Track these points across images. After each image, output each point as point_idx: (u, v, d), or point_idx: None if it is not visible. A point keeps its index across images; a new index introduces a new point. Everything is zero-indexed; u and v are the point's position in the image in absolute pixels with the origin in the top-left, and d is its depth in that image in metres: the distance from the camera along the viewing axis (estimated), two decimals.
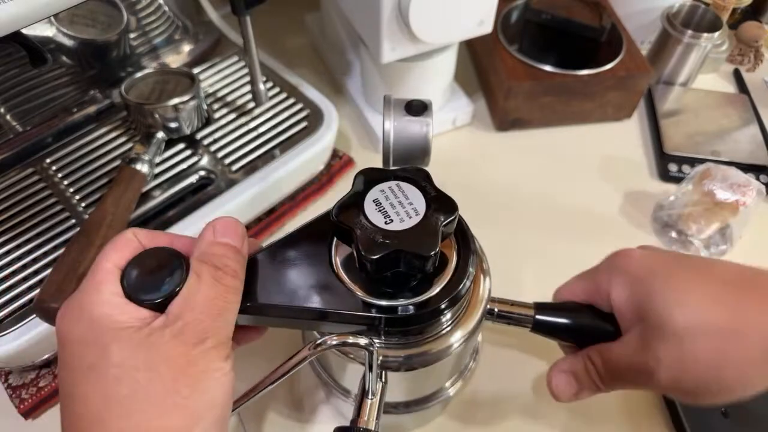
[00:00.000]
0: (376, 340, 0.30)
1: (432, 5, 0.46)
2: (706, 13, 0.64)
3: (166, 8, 0.57)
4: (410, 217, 0.27)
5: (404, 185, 0.29)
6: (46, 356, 0.43)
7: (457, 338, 0.31)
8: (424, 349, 0.31)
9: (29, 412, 0.43)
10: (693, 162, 0.57)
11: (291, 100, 0.57)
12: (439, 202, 0.28)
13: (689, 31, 0.62)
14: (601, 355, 0.32)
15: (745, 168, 0.55)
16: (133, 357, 0.23)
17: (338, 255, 0.30)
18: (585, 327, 0.34)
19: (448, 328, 0.31)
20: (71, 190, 0.49)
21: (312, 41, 0.73)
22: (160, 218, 0.48)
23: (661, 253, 0.32)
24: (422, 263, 0.27)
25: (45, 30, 0.49)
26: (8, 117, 0.51)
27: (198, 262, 0.26)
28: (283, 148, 0.53)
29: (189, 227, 0.47)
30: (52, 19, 0.49)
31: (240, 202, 0.49)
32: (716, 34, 0.62)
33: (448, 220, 0.27)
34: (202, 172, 0.52)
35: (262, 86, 0.52)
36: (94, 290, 0.25)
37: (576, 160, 0.61)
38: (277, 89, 0.58)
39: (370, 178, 0.29)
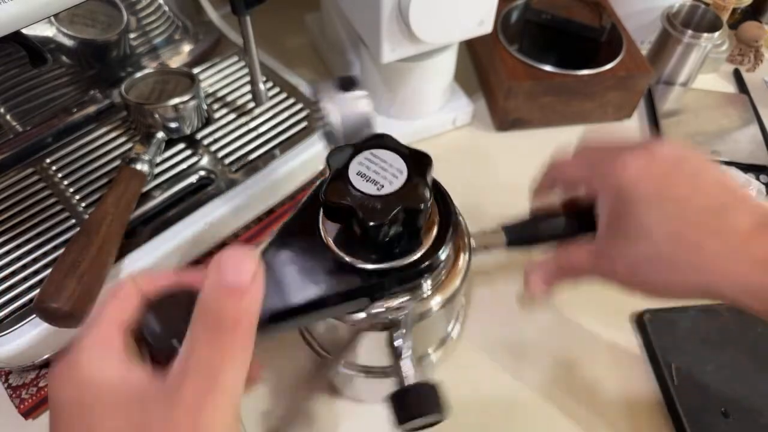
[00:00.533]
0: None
1: (432, 5, 0.46)
2: (706, 13, 0.64)
3: (166, 8, 0.57)
4: (396, 178, 0.29)
5: (379, 152, 0.30)
6: (46, 356, 0.43)
7: (437, 301, 0.34)
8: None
9: (29, 412, 0.43)
10: None
11: (291, 100, 0.57)
12: (416, 157, 0.30)
13: (689, 31, 0.62)
14: (569, 255, 0.35)
15: (745, 168, 0.55)
16: (129, 426, 0.21)
17: (328, 235, 0.31)
18: (557, 235, 0.37)
19: (429, 292, 0.34)
20: (71, 190, 0.49)
21: (312, 41, 0.73)
22: (160, 218, 0.48)
23: (655, 168, 0.32)
24: (420, 217, 0.29)
25: (45, 30, 0.49)
26: (8, 117, 0.51)
27: (198, 315, 0.23)
28: (283, 148, 0.53)
29: (189, 227, 0.47)
30: (52, 19, 0.49)
31: (240, 202, 0.49)
32: (716, 34, 0.62)
33: (429, 170, 0.30)
34: (202, 172, 0.52)
35: (262, 86, 0.52)
36: (90, 349, 0.23)
37: None
38: (277, 89, 0.58)
39: (343, 155, 0.30)
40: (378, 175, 0.29)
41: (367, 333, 0.34)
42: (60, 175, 0.50)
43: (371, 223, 0.27)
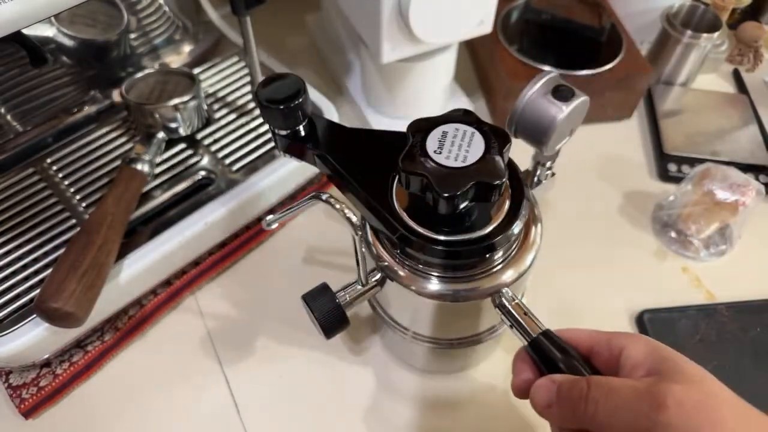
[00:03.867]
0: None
1: (432, 5, 0.46)
2: (706, 13, 0.64)
3: (166, 8, 0.57)
4: (473, 153, 0.30)
5: (459, 126, 0.31)
6: (46, 356, 0.43)
7: (509, 276, 0.34)
8: (476, 285, 0.34)
9: (29, 412, 0.43)
10: (693, 162, 0.57)
11: None
12: (495, 134, 0.31)
13: (689, 31, 0.62)
14: (598, 383, 0.27)
15: (745, 168, 0.55)
16: None
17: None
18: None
19: (500, 267, 0.34)
20: (71, 190, 0.49)
21: (312, 41, 0.73)
22: (160, 218, 0.48)
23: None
24: (494, 192, 0.29)
25: (45, 30, 0.49)
26: (8, 117, 0.51)
27: None
28: None
29: (189, 227, 0.47)
30: (52, 19, 0.49)
31: (240, 202, 0.49)
32: (716, 34, 0.62)
33: (507, 147, 0.30)
34: (203, 172, 0.52)
35: None
36: None
37: (576, 160, 0.61)
38: None
39: (422, 127, 0.31)
40: (455, 148, 0.30)
41: (473, 303, 0.35)
42: (60, 175, 0.50)
43: (445, 195, 0.28)
